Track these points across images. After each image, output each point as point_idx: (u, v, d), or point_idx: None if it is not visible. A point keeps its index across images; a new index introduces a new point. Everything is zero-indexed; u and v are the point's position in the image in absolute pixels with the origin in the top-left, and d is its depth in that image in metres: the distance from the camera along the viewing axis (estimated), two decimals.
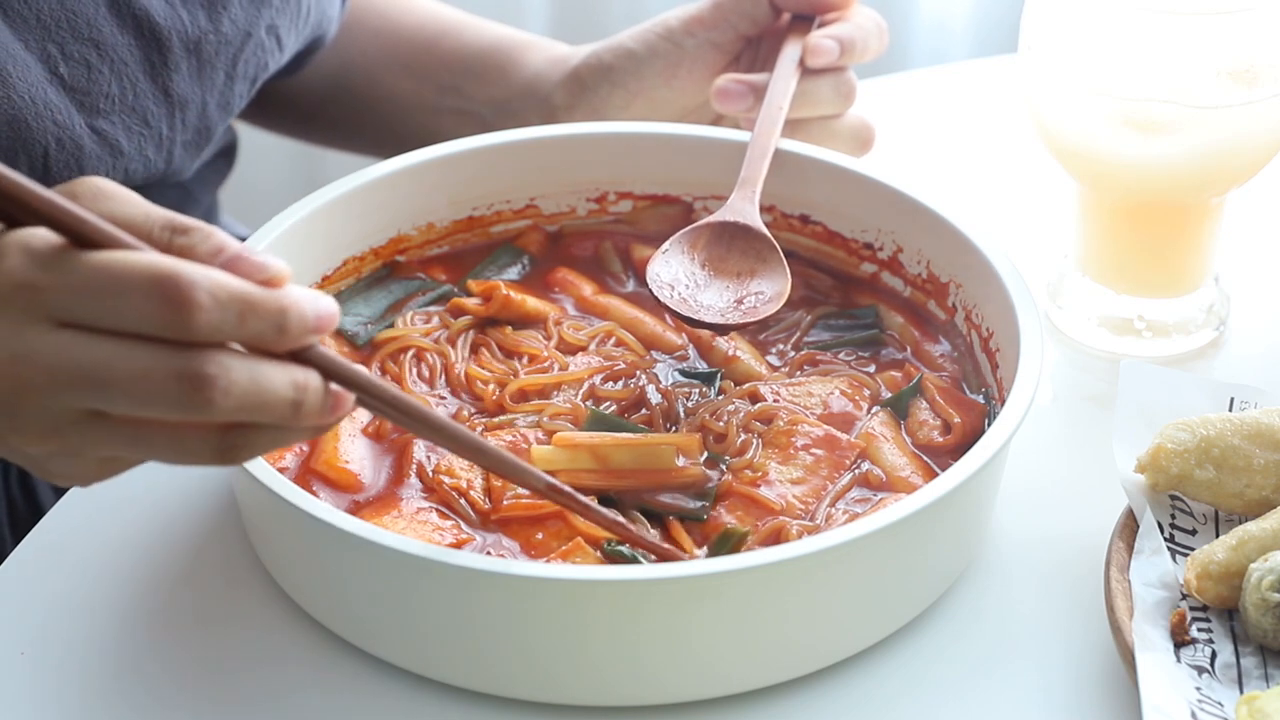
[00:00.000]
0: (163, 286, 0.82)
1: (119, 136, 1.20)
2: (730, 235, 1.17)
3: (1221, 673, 0.98)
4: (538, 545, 1.03)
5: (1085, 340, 1.27)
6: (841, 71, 1.28)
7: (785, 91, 1.24)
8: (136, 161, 1.22)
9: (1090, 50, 1.18)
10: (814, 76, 1.27)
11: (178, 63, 1.22)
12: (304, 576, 1.04)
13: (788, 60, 1.26)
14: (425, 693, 1.00)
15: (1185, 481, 1.05)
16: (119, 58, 1.19)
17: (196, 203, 1.41)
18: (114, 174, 1.21)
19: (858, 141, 1.30)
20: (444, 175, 1.24)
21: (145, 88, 1.21)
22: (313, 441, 1.10)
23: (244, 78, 1.28)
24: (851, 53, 1.27)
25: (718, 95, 1.27)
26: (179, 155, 1.26)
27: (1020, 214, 1.41)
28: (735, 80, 1.27)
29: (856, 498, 1.07)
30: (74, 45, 1.17)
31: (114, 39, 1.19)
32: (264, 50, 1.29)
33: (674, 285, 1.15)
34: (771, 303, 1.14)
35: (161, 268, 0.82)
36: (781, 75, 1.25)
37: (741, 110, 1.27)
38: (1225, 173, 1.20)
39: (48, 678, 1.01)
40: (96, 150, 1.19)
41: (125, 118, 1.20)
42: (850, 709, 1.00)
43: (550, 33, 2.28)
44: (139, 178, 1.23)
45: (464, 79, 1.43)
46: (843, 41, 1.26)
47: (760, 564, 0.95)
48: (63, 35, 1.17)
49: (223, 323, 0.83)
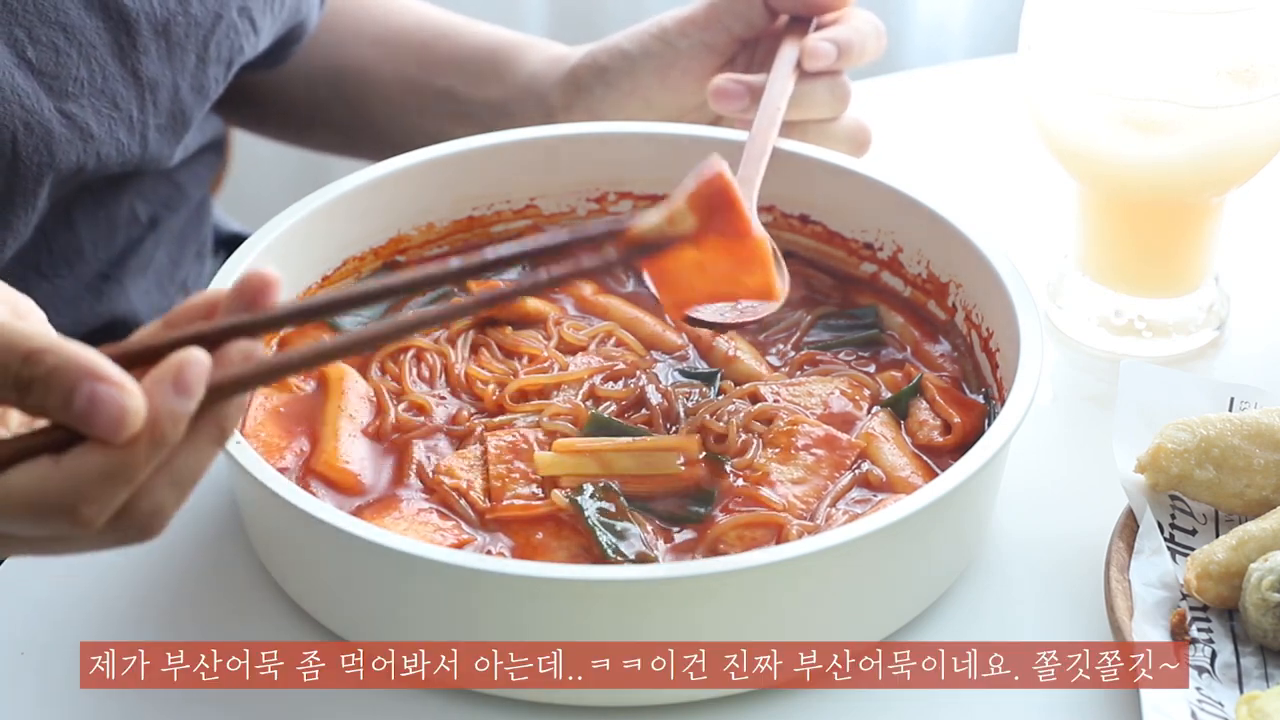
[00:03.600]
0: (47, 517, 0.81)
1: (88, 120, 1.20)
2: None
3: (1221, 673, 0.98)
4: (537, 545, 1.03)
5: (1085, 340, 1.27)
6: (837, 75, 1.28)
7: (783, 92, 1.24)
8: (108, 145, 1.22)
9: (1090, 50, 1.18)
10: (810, 80, 1.27)
11: (146, 45, 1.22)
12: (304, 577, 1.04)
13: (785, 62, 1.26)
14: (425, 692, 1.00)
15: (1185, 481, 1.05)
16: (87, 40, 1.19)
17: (187, 197, 1.41)
18: (85, 158, 1.20)
19: (854, 143, 1.30)
20: (444, 175, 1.24)
21: (114, 70, 1.21)
22: (313, 441, 1.10)
23: (217, 60, 1.28)
24: (849, 55, 1.27)
25: (715, 95, 1.27)
26: (154, 140, 1.25)
27: (1020, 214, 1.41)
28: (732, 80, 1.27)
29: (856, 498, 1.07)
30: (41, 29, 1.17)
31: (82, 21, 1.19)
32: (237, 33, 1.28)
33: None
34: (767, 304, 1.14)
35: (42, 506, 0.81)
36: (779, 76, 1.25)
37: (738, 110, 1.27)
38: (1225, 173, 1.20)
39: (48, 678, 1.01)
40: (66, 134, 1.19)
41: (94, 101, 1.20)
42: (850, 709, 1.00)
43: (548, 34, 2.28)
44: (114, 163, 1.23)
45: (460, 81, 1.43)
46: (840, 44, 1.26)
47: (760, 564, 0.95)
48: (30, 19, 1.17)
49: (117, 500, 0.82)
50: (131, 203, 1.35)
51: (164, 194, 1.39)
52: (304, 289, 1.20)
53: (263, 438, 1.10)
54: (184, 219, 1.42)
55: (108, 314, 1.34)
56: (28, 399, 0.81)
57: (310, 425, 1.11)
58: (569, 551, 1.03)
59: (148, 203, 1.37)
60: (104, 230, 1.33)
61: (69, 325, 1.32)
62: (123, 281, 1.35)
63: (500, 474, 1.07)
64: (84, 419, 0.80)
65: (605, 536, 1.03)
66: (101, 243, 1.33)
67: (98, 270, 1.34)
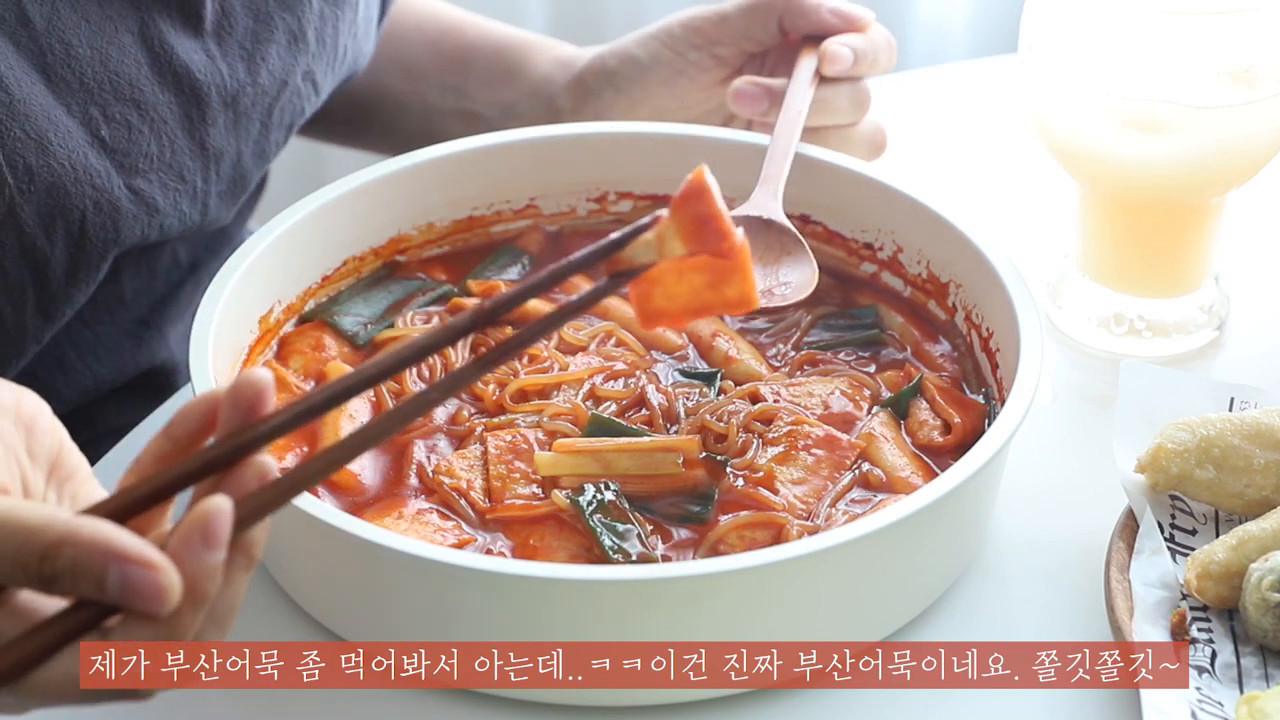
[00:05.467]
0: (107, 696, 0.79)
1: (155, 195, 1.19)
2: (754, 230, 1.17)
3: (1221, 673, 0.98)
4: (537, 546, 1.03)
5: (1085, 340, 1.27)
6: (857, 80, 1.28)
7: (805, 97, 1.24)
8: (172, 217, 1.21)
9: (1090, 50, 1.18)
10: (830, 85, 1.27)
11: (215, 117, 1.21)
12: (304, 577, 1.04)
13: (805, 69, 1.27)
14: (425, 692, 1.00)
15: (1185, 481, 1.05)
16: (159, 116, 1.18)
17: (230, 238, 1.40)
18: (149, 230, 1.19)
19: (872, 147, 1.31)
20: (444, 175, 1.24)
21: (183, 144, 1.20)
22: (313, 442, 1.10)
23: (280, 125, 1.27)
24: (864, 63, 1.28)
25: (734, 97, 1.28)
26: (214, 206, 1.25)
27: (1020, 214, 1.40)
28: (752, 83, 1.28)
29: (856, 498, 1.07)
30: (116, 107, 1.16)
31: (154, 98, 1.18)
32: (300, 97, 1.28)
33: None
34: (799, 290, 1.15)
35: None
36: (800, 81, 1.26)
37: (757, 113, 1.27)
38: (1225, 173, 1.20)
39: None
40: (133, 210, 1.18)
41: (162, 175, 1.19)
42: (850, 709, 1.00)
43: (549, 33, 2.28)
44: (175, 232, 1.22)
45: (467, 80, 1.43)
46: (856, 51, 1.27)
47: (760, 564, 0.95)
48: (105, 97, 1.16)
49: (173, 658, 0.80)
50: (174, 249, 1.35)
51: (207, 239, 1.38)
52: (304, 289, 1.20)
53: None
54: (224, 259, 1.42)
55: (146, 362, 1.34)
56: (55, 589, 0.77)
57: (310, 425, 1.11)
58: (569, 551, 1.03)
59: (190, 247, 1.36)
60: (145, 279, 1.32)
61: (110, 374, 1.31)
62: (162, 328, 1.34)
63: (500, 474, 1.07)
64: (123, 600, 0.77)
65: (606, 537, 1.03)
66: (143, 290, 1.32)
67: (138, 316, 1.33)
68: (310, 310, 1.20)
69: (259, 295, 1.15)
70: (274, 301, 1.17)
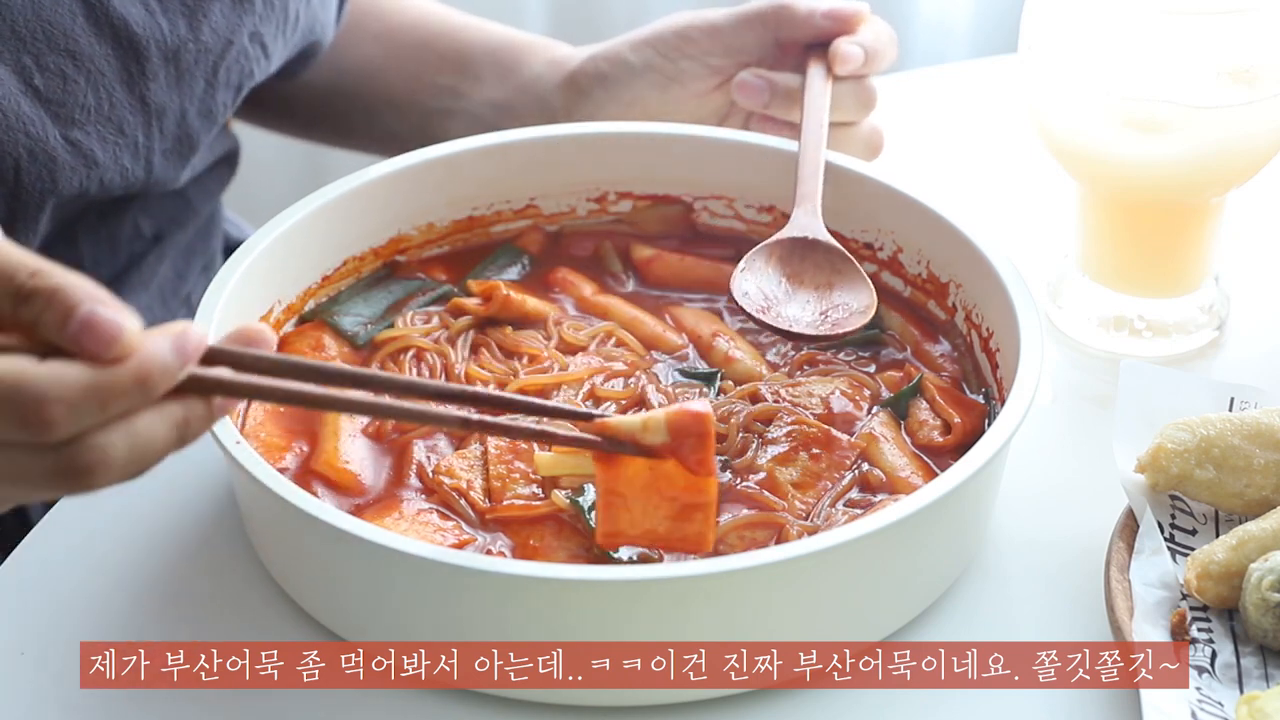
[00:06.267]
0: (11, 407, 0.79)
1: (93, 147, 1.19)
2: (802, 251, 1.17)
3: (1221, 673, 0.98)
4: (537, 546, 1.03)
5: (1085, 340, 1.27)
6: (862, 79, 1.29)
7: (824, 106, 1.24)
8: (112, 171, 1.21)
9: (1090, 50, 1.18)
10: (837, 84, 1.27)
11: (155, 71, 1.21)
12: (304, 577, 1.03)
13: (816, 77, 1.27)
14: (425, 692, 1.00)
15: (1185, 481, 1.05)
16: (96, 68, 1.18)
17: (195, 212, 1.40)
18: (89, 184, 1.19)
19: (870, 147, 1.31)
20: (444, 175, 1.24)
21: (121, 97, 1.20)
22: (312, 442, 1.10)
23: (227, 85, 1.27)
24: (873, 60, 1.28)
25: (738, 89, 1.28)
26: (159, 164, 1.24)
27: (1020, 214, 1.40)
28: (756, 75, 1.28)
29: (856, 498, 1.07)
30: (50, 56, 1.16)
31: (91, 49, 1.18)
32: (248, 58, 1.28)
33: (759, 299, 1.15)
34: (859, 315, 1.15)
35: (12, 392, 0.78)
36: (815, 92, 1.25)
37: (759, 105, 1.28)
38: (1225, 173, 1.20)
39: (48, 678, 1.01)
40: (70, 161, 1.18)
41: (100, 128, 1.19)
42: (850, 709, 1.00)
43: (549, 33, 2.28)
44: (117, 187, 1.22)
45: (462, 80, 1.43)
46: (866, 49, 1.27)
47: (760, 564, 0.95)
48: (38, 46, 1.16)
49: (84, 418, 0.80)
50: (135, 219, 1.35)
51: (171, 210, 1.38)
52: (304, 289, 1.20)
53: (263, 438, 1.10)
54: (191, 233, 1.41)
55: None
56: (23, 309, 0.80)
57: (310, 425, 1.11)
58: (569, 551, 1.03)
59: (153, 218, 1.36)
60: (106, 246, 1.32)
61: None
62: (124, 296, 1.34)
63: (500, 474, 1.07)
64: (76, 338, 0.79)
65: None
66: (103, 258, 1.32)
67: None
68: (310, 310, 1.20)
69: (259, 295, 1.15)
70: (274, 301, 1.17)
